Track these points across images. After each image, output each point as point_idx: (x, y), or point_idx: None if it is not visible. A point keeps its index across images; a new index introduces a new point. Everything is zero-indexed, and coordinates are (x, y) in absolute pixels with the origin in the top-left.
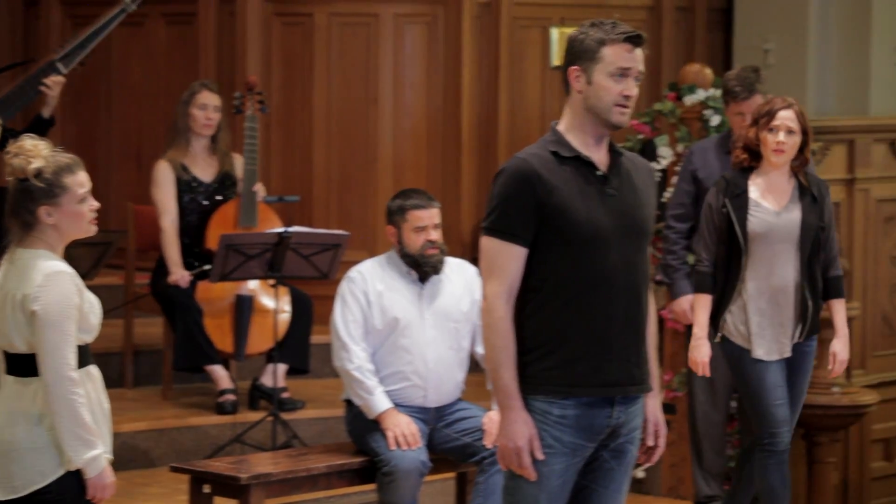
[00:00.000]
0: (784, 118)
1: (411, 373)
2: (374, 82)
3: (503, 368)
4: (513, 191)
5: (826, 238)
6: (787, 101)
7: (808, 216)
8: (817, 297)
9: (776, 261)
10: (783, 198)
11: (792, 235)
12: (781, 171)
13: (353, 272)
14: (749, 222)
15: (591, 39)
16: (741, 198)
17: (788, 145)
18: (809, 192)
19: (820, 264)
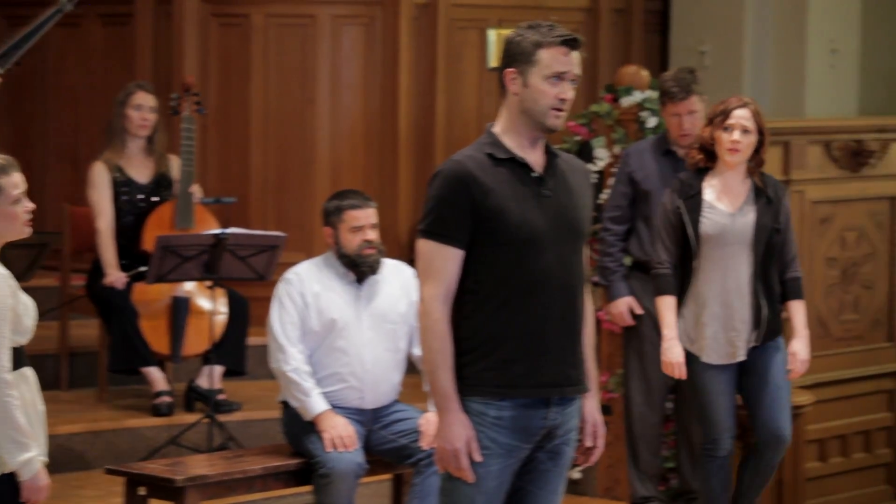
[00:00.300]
0: (739, 117)
1: (348, 374)
2: (312, 83)
3: (440, 370)
4: (448, 193)
5: (783, 240)
6: (742, 100)
7: (763, 218)
8: (773, 299)
9: (730, 263)
10: (738, 199)
11: (745, 237)
12: (737, 171)
13: (289, 274)
14: (702, 224)
15: (527, 42)
16: (695, 199)
17: (744, 145)
18: (765, 193)
19: (777, 266)
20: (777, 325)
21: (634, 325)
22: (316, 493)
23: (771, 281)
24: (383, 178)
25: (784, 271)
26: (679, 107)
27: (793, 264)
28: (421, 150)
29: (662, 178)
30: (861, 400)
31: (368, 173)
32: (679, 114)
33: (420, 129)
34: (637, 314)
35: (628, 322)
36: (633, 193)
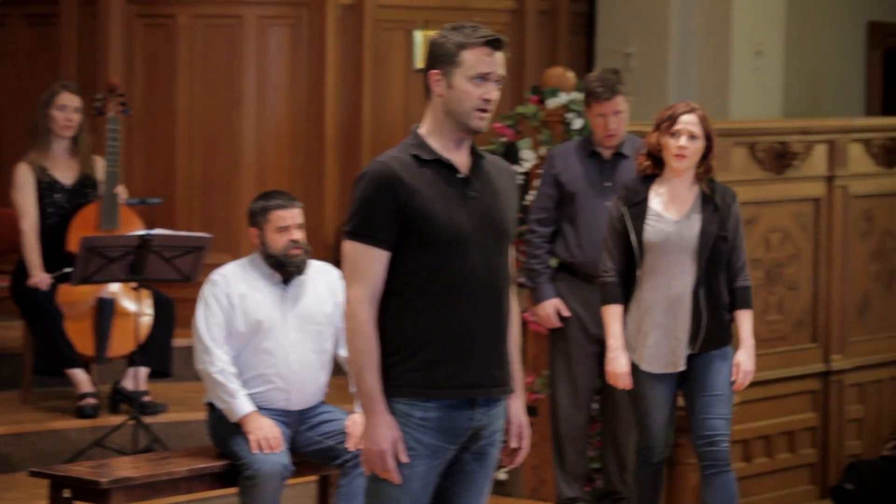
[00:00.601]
0: (686, 122)
1: (274, 375)
2: (238, 84)
3: (366, 371)
4: (373, 194)
5: (731, 248)
6: (690, 105)
7: (708, 225)
8: (717, 308)
9: (674, 271)
10: (684, 206)
11: (689, 245)
12: (684, 178)
13: (215, 275)
14: (645, 232)
15: (451, 43)
16: (639, 206)
17: (691, 151)
18: (712, 200)
19: (725, 275)
20: (722, 335)
21: (561, 326)
22: (242, 495)
23: (716, 289)
24: (309, 179)
25: (733, 280)
26: (605, 107)
27: (742, 273)
28: (347, 151)
29: (588, 179)
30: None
31: (295, 174)
32: (605, 114)
33: (346, 130)
34: (564, 316)
35: (555, 324)
36: (558, 195)
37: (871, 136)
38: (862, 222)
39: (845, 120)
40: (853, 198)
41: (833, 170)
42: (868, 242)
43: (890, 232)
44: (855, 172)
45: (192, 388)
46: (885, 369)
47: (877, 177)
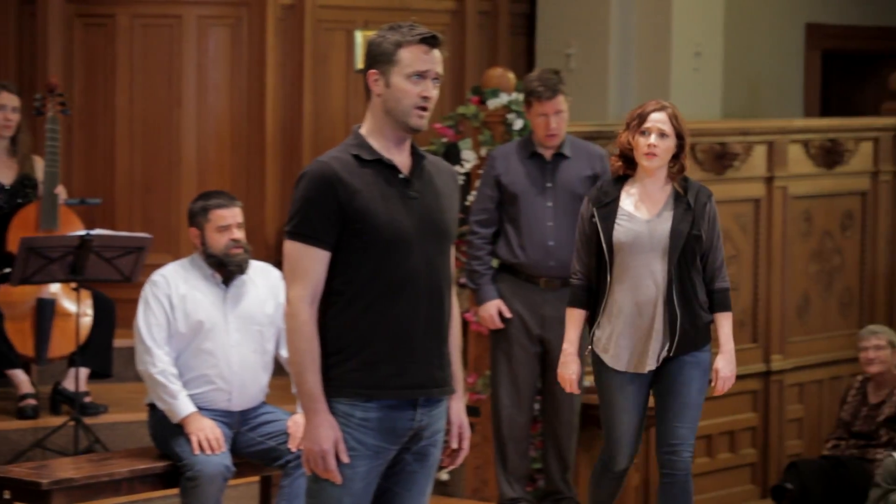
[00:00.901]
0: (656, 121)
1: (215, 376)
2: (178, 84)
3: (307, 372)
4: (314, 194)
5: (708, 248)
6: (660, 103)
7: (679, 224)
8: (692, 310)
9: (643, 272)
10: (656, 206)
11: (660, 245)
12: (656, 178)
13: (156, 276)
14: (615, 231)
15: (388, 42)
16: (609, 207)
17: (660, 149)
18: (685, 199)
19: (700, 275)
20: (698, 338)
21: (503, 327)
22: (183, 496)
23: (691, 290)
24: (250, 180)
25: (711, 281)
26: (546, 106)
27: (720, 273)
28: (288, 152)
29: (530, 180)
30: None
31: (235, 174)
32: (546, 113)
33: (287, 130)
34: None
35: (497, 325)
36: (499, 196)
37: (809, 136)
38: (801, 223)
39: (784, 121)
40: (792, 198)
41: (772, 171)
42: (807, 243)
43: (829, 232)
44: (794, 173)
45: (134, 388)
46: (825, 369)
47: (816, 178)
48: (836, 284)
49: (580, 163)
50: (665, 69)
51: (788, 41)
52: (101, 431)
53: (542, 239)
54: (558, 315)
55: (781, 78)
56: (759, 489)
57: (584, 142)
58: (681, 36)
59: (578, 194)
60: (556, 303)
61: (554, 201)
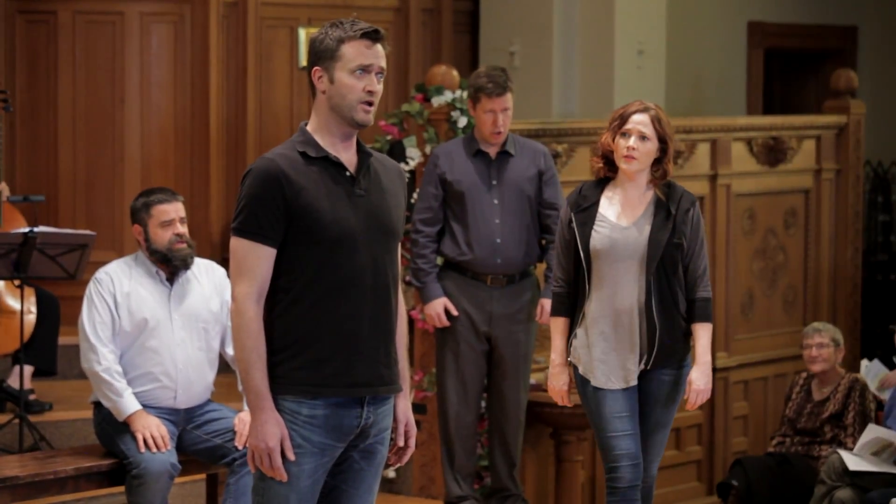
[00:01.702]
0: (636, 122)
1: (160, 374)
2: (121, 81)
3: (253, 369)
4: (260, 191)
5: (689, 256)
6: (643, 104)
7: (658, 232)
8: (671, 321)
9: (620, 280)
10: (635, 212)
11: (637, 253)
12: (637, 182)
13: (100, 273)
14: (591, 238)
15: (330, 39)
16: (588, 212)
17: (640, 152)
18: (666, 206)
19: (681, 285)
20: (676, 349)
21: (449, 325)
22: (129, 494)
23: (670, 300)
24: (194, 177)
25: (691, 290)
26: (494, 103)
27: (701, 283)
28: (232, 149)
29: (476, 178)
30: None
31: (179, 172)
32: (494, 110)
33: (231, 127)
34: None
35: (444, 323)
36: (444, 194)
37: (753, 134)
38: (745, 220)
39: (728, 119)
40: (736, 196)
41: (716, 168)
42: (751, 241)
43: (772, 230)
44: (738, 171)
45: (78, 386)
46: (769, 366)
47: (759, 175)
48: (780, 282)
49: (525, 160)
50: (608, 67)
51: (731, 39)
52: (46, 429)
53: (490, 236)
54: (505, 312)
55: (724, 76)
56: (705, 486)
57: (527, 139)
58: (623, 33)
59: (524, 192)
60: (503, 300)
61: (500, 199)
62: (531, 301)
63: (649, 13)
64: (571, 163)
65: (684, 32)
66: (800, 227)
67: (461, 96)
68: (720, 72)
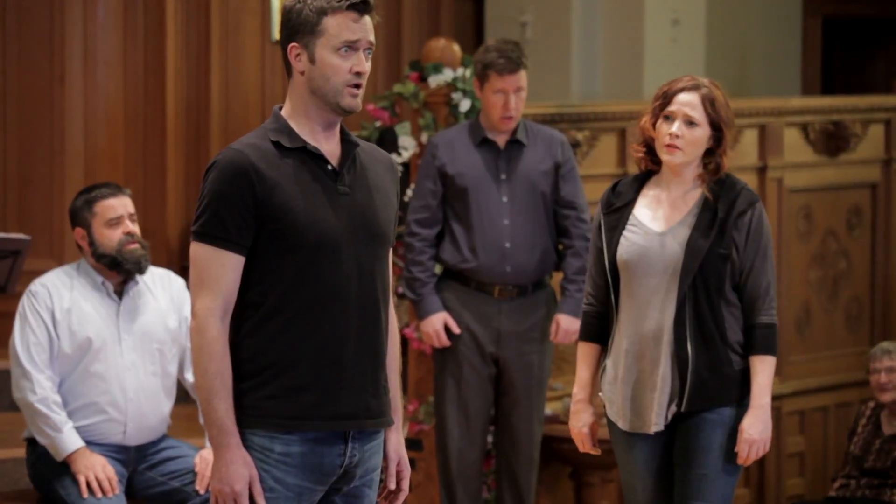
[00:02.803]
0: (682, 103)
1: (107, 404)
2: (60, 58)
3: (217, 398)
4: (226, 188)
5: (745, 271)
6: (694, 80)
7: (699, 240)
8: (713, 351)
9: (652, 299)
10: (676, 214)
11: (671, 265)
12: (683, 178)
13: (35, 285)
14: (620, 245)
15: (309, 9)
16: (620, 213)
17: (685, 141)
18: (713, 207)
19: (732, 307)
20: (721, 388)
21: (450, 344)
22: None
23: (711, 325)
24: (148, 171)
25: (749, 314)
26: (506, 81)
27: (761, 305)
28: (193, 138)
29: (482, 171)
30: None
31: (130, 165)
32: (505, 90)
33: (191, 111)
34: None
35: (444, 342)
36: (444, 191)
37: (809, 119)
38: (800, 221)
39: (779, 100)
40: (789, 192)
41: (765, 159)
42: (807, 245)
43: (833, 232)
44: (791, 162)
45: (9, 419)
46: (829, 394)
47: (816, 167)
48: (843, 293)
49: (538, 151)
50: (638, 40)
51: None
52: None
53: (497, 240)
54: (516, 329)
55: (775, 49)
56: None
57: (542, 126)
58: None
59: (538, 187)
60: (513, 315)
61: (510, 196)
62: (546, 317)
63: None
64: (593, 153)
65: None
66: (866, 228)
67: (463, 75)
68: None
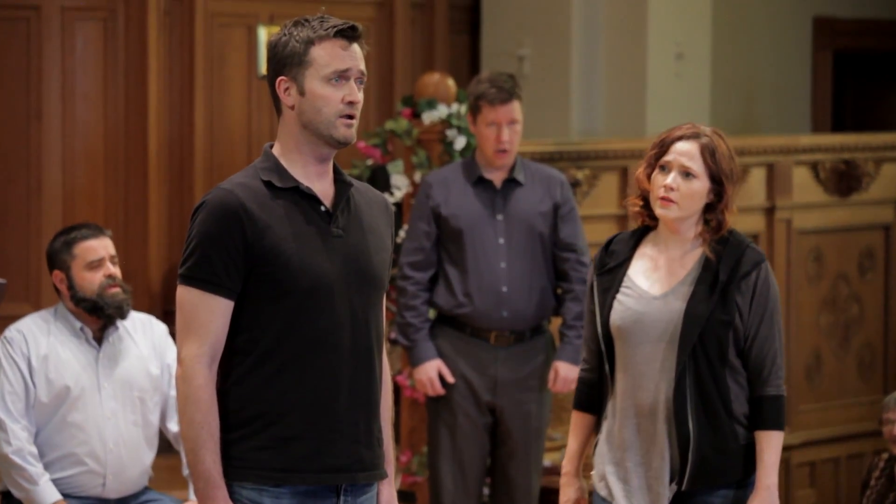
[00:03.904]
0: (680, 153)
1: (86, 455)
2: (37, 93)
3: (203, 449)
4: (215, 229)
5: (748, 338)
6: (695, 129)
7: (698, 305)
8: (719, 426)
9: (647, 369)
10: (674, 276)
11: (668, 332)
12: (682, 234)
13: (11, 331)
14: (613, 310)
15: (295, 41)
16: (613, 274)
17: (681, 194)
18: (715, 269)
19: (738, 377)
20: (725, 465)
21: (444, 393)
22: None
23: (718, 398)
24: (129, 211)
25: (755, 385)
26: (498, 113)
27: (768, 375)
28: (176, 176)
29: (477, 212)
30: None
31: (110, 205)
32: (498, 122)
33: (175, 148)
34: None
35: (438, 390)
36: (438, 232)
37: (819, 157)
38: (810, 264)
39: (788, 137)
40: (799, 233)
41: (774, 199)
42: (818, 289)
43: (844, 276)
44: (800, 202)
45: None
46: (841, 445)
47: (827, 208)
48: (854, 340)
49: (537, 190)
50: (640, 74)
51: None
52: None
53: (493, 284)
54: (513, 377)
55: (784, 84)
56: None
57: (540, 165)
58: (659, 33)
59: (535, 229)
60: (510, 362)
61: (507, 238)
62: (544, 364)
63: (690, 8)
64: (594, 193)
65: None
66: (878, 271)
67: (458, 111)
68: (779, 79)
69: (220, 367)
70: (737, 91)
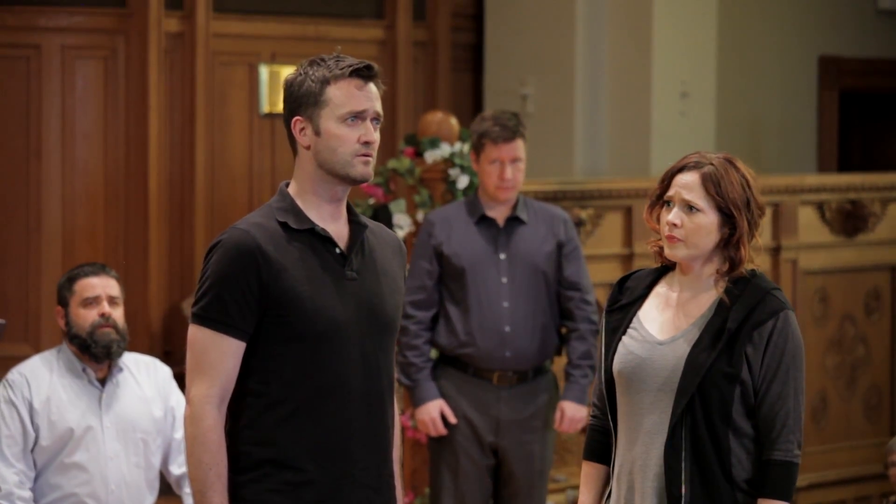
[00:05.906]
0: (680, 185)
1: (87, 496)
2: (37, 131)
3: (211, 491)
4: (229, 269)
5: (759, 395)
6: (701, 157)
7: (701, 353)
8: (716, 491)
9: (643, 421)
10: (684, 320)
11: (669, 382)
12: (695, 274)
13: (13, 374)
14: (616, 354)
15: (311, 80)
16: (624, 313)
17: (686, 231)
18: (725, 315)
19: (745, 437)
20: None
21: (446, 434)
22: None
23: (716, 459)
24: (129, 250)
25: (765, 448)
26: (502, 150)
27: (778, 439)
28: (177, 215)
29: (480, 250)
30: None
31: (111, 243)
32: (501, 160)
33: (175, 187)
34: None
35: (440, 431)
36: (440, 271)
37: (825, 197)
38: (816, 304)
39: (794, 177)
40: (804, 274)
41: (779, 239)
42: (824, 330)
43: (850, 316)
44: (806, 243)
45: None
46: (848, 488)
47: (833, 248)
48: (861, 381)
49: (540, 229)
50: (645, 113)
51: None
52: None
53: (496, 323)
54: (516, 418)
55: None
56: None
57: (544, 203)
58: (663, 71)
59: (539, 268)
60: (513, 402)
61: (510, 276)
62: (548, 404)
63: (695, 46)
64: (598, 232)
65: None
66: (885, 312)
67: (461, 150)
68: (784, 118)
69: (229, 408)
70: (742, 130)
